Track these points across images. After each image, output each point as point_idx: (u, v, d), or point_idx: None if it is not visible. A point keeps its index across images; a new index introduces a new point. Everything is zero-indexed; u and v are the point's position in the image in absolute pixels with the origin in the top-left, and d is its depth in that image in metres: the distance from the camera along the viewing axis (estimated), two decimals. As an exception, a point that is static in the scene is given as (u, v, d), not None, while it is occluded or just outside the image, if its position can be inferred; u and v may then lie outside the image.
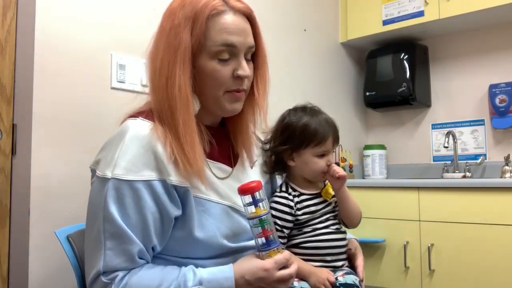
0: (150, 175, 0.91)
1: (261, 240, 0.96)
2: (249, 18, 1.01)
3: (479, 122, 2.44)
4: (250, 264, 0.93)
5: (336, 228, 1.23)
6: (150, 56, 1.01)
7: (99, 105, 1.49)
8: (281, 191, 1.24)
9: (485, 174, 2.38)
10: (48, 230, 1.27)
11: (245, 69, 0.97)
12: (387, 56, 2.55)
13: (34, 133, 1.33)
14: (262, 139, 1.26)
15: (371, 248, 2.09)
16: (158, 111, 0.97)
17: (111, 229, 0.89)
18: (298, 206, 1.21)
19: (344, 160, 2.49)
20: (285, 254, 0.97)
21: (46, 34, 1.36)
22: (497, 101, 2.31)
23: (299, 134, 1.20)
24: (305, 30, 2.39)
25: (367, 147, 2.66)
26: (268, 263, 0.93)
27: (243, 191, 0.97)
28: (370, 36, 2.57)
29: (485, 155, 2.41)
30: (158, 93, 0.97)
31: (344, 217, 1.25)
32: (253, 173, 1.15)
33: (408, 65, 2.47)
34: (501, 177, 2.24)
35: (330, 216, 1.24)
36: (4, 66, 1.31)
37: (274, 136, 1.24)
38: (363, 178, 2.63)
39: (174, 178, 0.92)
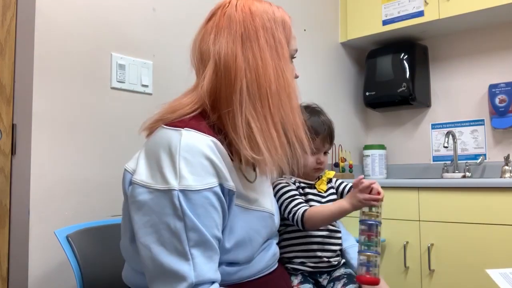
0: (212, 181, 0.89)
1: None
2: None
3: (479, 122, 2.44)
4: None
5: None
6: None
7: (99, 105, 1.49)
8: (282, 177, 1.30)
9: (485, 174, 2.38)
10: (48, 230, 1.27)
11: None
12: (387, 56, 2.55)
13: (34, 133, 1.33)
14: None
15: (371, 248, 2.09)
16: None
17: (196, 238, 0.86)
18: (300, 190, 1.28)
19: (344, 160, 2.49)
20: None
21: (46, 34, 1.36)
22: (497, 101, 2.31)
23: None
24: (305, 30, 2.39)
25: (367, 147, 2.66)
26: None
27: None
28: (370, 36, 2.57)
29: (485, 155, 2.41)
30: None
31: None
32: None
33: (408, 65, 2.47)
34: (501, 177, 2.24)
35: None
36: (4, 66, 1.31)
37: None
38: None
39: (229, 183, 0.92)
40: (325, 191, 1.32)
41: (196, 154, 0.89)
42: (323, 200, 1.30)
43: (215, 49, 0.98)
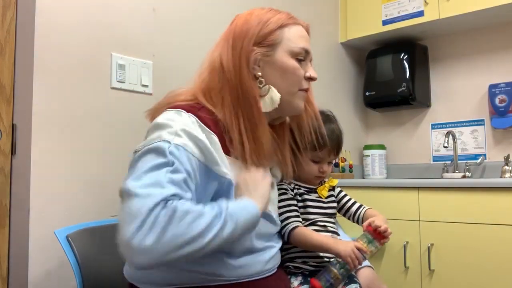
0: (199, 156, 0.94)
1: None
2: (308, 34, 1.15)
3: (479, 122, 2.44)
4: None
5: (324, 226, 1.26)
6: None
7: (99, 105, 1.49)
8: (281, 182, 1.29)
9: (485, 174, 2.38)
10: (48, 230, 1.27)
11: (315, 72, 1.13)
12: (387, 56, 2.55)
13: (34, 133, 1.33)
14: None
15: (371, 248, 2.09)
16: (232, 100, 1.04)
17: (177, 178, 0.88)
18: (298, 197, 1.28)
19: (344, 160, 2.49)
20: None
21: (46, 34, 1.36)
22: (497, 101, 2.31)
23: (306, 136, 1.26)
24: (305, 30, 2.39)
25: (367, 147, 2.66)
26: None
27: None
28: (370, 36, 2.57)
29: (484, 155, 2.41)
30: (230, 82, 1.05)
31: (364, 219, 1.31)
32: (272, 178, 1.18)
33: (408, 65, 2.47)
34: (500, 177, 2.24)
35: (324, 215, 1.27)
36: (4, 66, 1.31)
37: None
38: (363, 178, 2.63)
39: (220, 168, 0.96)
40: (326, 197, 1.31)
41: (196, 132, 0.95)
42: (324, 205, 1.29)
43: (213, 54, 1.10)
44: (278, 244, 1.15)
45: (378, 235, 1.17)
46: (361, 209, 1.34)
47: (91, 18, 1.48)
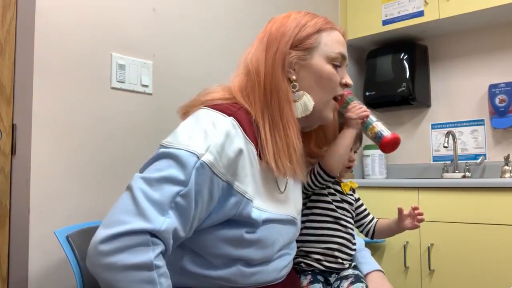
0: (225, 175, 0.90)
1: None
2: (344, 39, 1.15)
3: (479, 122, 2.44)
4: None
5: (337, 222, 1.27)
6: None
7: (99, 105, 1.49)
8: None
9: (485, 174, 2.38)
10: (48, 230, 1.27)
11: (350, 79, 1.13)
12: (387, 56, 2.55)
13: (34, 133, 1.33)
14: None
15: (371, 248, 2.08)
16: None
17: (183, 204, 0.85)
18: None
19: (344, 160, 2.48)
20: None
21: (46, 34, 1.36)
22: (497, 101, 2.31)
23: None
24: (305, 30, 2.39)
25: (367, 147, 2.66)
26: None
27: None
28: (370, 36, 2.57)
29: (485, 155, 2.41)
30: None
31: (379, 235, 1.36)
32: (295, 185, 1.16)
33: (408, 65, 2.47)
34: (501, 177, 2.24)
35: (343, 210, 1.29)
36: (4, 66, 1.31)
37: None
38: (363, 178, 2.63)
39: (242, 187, 0.93)
40: (347, 194, 1.33)
41: (231, 145, 0.91)
42: (343, 197, 1.31)
43: (247, 56, 1.08)
44: (293, 252, 1.13)
45: None
46: (373, 221, 1.37)
47: (91, 18, 1.48)
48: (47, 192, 1.34)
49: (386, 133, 1.20)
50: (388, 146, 1.20)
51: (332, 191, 1.30)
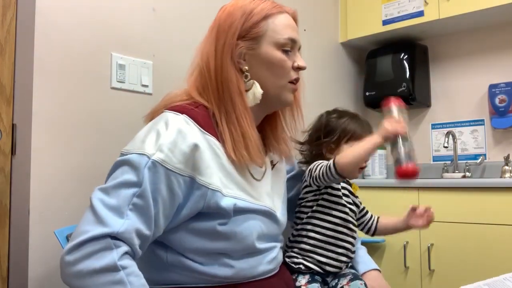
0: (184, 170, 0.93)
1: None
2: (295, 21, 1.13)
3: (479, 122, 2.44)
4: None
5: (346, 226, 1.26)
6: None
7: (99, 105, 1.49)
8: None
9: (485, 174, 2.38)
10: (48, 230, 1.27)
11: (303, 61, 1.10)
12: (387, 56, 2.55)
13: (34, 133, 1.33)
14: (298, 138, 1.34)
15: (371, 248, 2.09)
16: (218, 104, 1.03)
17: (140, 204, 0.88)
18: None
19: (344, 160, 2.48)
20: None
21: (46, 34, 1.36)
22: (497, 101, 2.31)
23: (343, 129, 1.30)
24: (304, 30, 2.39)
25: (367, 147, 2.65)
26: None
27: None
28: (370, 36, 2.57)
29: (485, 155, 2.41)
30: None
31: (382, 232, 1.36)
32: (275, 176, 1.17)
33: (408, 65, 2.47)
34: (500, 177, 2.24)
35: (353, 213, 1.29)
36: (4, 66, 1.31)
37: (314, 132, 1.36)
38: (363, 178, 2.63)
39: (204, 179, 0.94)
40: (355, 196, 1.34)
41: (184, 141, 0.93)
42: (354, 199, 1.32)
43: (199, 49, 1.11)
44: (280, 243, 1.14)
45: None
46: (373, 218, 1.37)
47: (91, 18, 1.48)
48: (47, 192, 1.34)
49: (405, 162, 1.12)
50: (401, 176, 1.13)
51: (347, 192, 1.30)
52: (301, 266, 1.23)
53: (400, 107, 1.18)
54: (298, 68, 1.09)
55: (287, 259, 1.25)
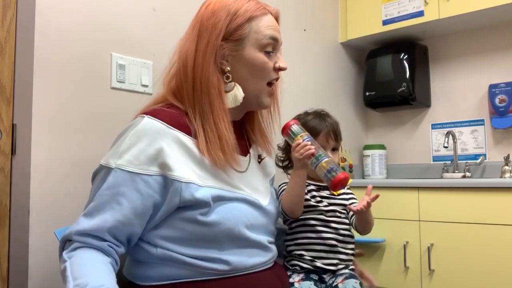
0: (150, 170, 0.96)
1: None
2: (277, 21, 1.13)
3: (479, 122, 2.44)
4: None
5: (327, 225, 1.27)
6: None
7: (99, 105, 1.49)
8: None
9: (485, 174, 2.38)
10: (48, 230, 1.27)
11: (284, 62, 1.11)
12: (387, 56, 2.55)
13: (34, 133, 1.33)
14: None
15: (371, 248, 2.09)
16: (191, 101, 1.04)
17: (106, 205, 0.97)
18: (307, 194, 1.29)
19: (344, 160, 2.49)
20: None
21: (46, 34, 1.36)
22: (497, 101, 2.31)
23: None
24: (304, 30, 2.39)
25: (367, 147, 2.66)
26: None
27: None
28: (370, 36, 2.57)
29: (484, 155, 2.41)
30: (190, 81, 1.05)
31: (358, 225, 1.31)
32: (262, 169, 1.19)
33: (408, 65, 2.47)
34: (501, 177, 2.24)
35: (336, 212, 1.29)
36: (4, 66, 1.31)
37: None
38: (363, 178, 2.63)
39: (175, 173, 0.96)
40: (338, 194, 1.33)
41: (146, 140, 0.96)
42: (332, 201, 1.31)
43: (180, 45, 1.09)
44: (271, 236, 1.14)
45: None
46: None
47: (91, 18, 1.48)
48: (47, 192, 1.34)
49: (333, 174, 1.13)
50: (338, 186, 1.15)
51: (318, 198, 1.30)
52: (296, 267, 1.25)
53: (296, 125, 1.19)
54: (279, 69, 1.10)
55: (285, 262, 1.29)
